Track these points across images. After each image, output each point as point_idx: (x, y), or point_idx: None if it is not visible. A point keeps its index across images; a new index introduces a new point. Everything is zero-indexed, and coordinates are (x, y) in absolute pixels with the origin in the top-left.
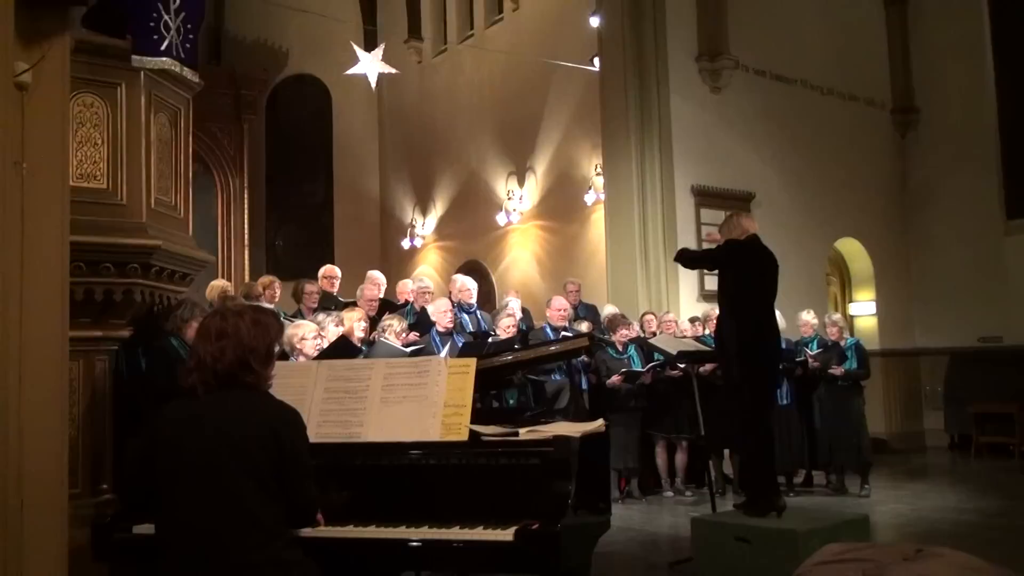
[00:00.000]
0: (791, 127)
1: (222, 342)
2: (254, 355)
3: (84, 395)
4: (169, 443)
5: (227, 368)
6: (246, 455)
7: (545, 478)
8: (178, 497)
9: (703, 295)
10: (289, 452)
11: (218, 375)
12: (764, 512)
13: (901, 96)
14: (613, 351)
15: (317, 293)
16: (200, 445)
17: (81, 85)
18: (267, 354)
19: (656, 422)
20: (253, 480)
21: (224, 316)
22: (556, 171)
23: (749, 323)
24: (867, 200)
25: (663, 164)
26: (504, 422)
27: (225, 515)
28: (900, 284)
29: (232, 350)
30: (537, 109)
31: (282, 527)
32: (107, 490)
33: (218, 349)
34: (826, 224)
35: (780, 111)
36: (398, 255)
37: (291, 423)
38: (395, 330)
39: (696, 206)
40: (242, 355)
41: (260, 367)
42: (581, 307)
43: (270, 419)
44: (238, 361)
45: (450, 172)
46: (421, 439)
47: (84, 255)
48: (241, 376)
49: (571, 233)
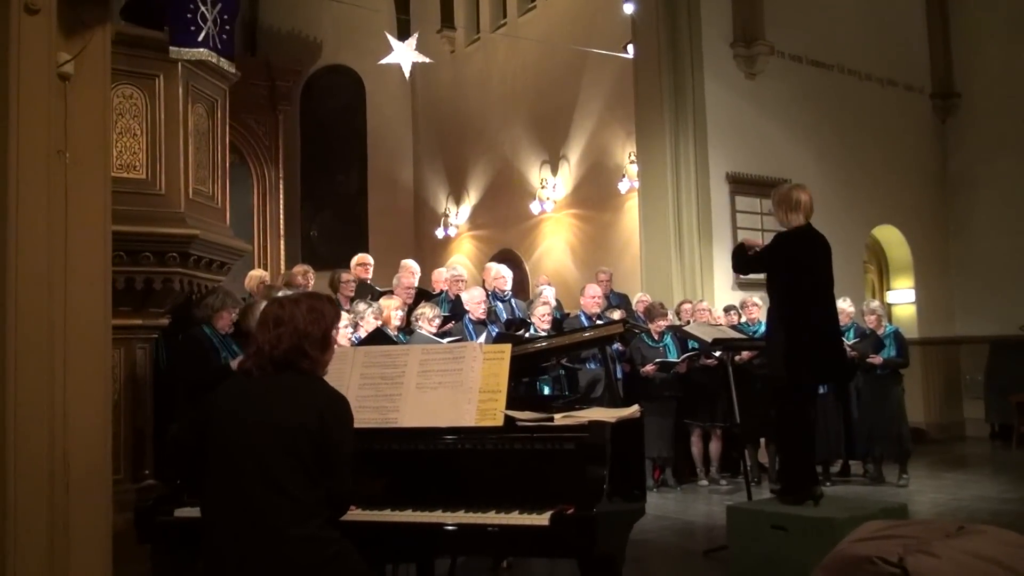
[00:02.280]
0: (828, 113)
1: (279, 329)
2: (309, 340)
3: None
4: (220, 421)
5: (283, 354)
6: (290, 438)
7: (580, 463)
8: (224, 474)
9: (738, 283)
10: (332, 440)
11: (275, 361)
12: (801, 500)
13: (941, 81)
14: (649, 339)
15: (354, 282)
16: (247, 426)
17: (120, 76)
18: (323, 340)
19: (691, 410)
20: (295, 460)
21: (282, 304)
22: (589, 159)
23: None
24: (906, 186)
25: (697, 151)
26: (539, 409)
27: (266, 493)
28: (939, 271)
29: (288, 337)
30: (570, 97)
31: (322, 507)
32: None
33: (275, 336)
34: (864, 211)
35: (817, 97)
36: (432, 244)
37: (337, 411)
38: (427, 317)
39: (731, 193)
40: (298, 342)
41: (316, 352)
42: (612, 295)
43: (318, 406)
44: (294, 348)
45: (483, 161)
46: (456, 424)
47: (124, 244)
48: (296, 362)
49: (605, 221)
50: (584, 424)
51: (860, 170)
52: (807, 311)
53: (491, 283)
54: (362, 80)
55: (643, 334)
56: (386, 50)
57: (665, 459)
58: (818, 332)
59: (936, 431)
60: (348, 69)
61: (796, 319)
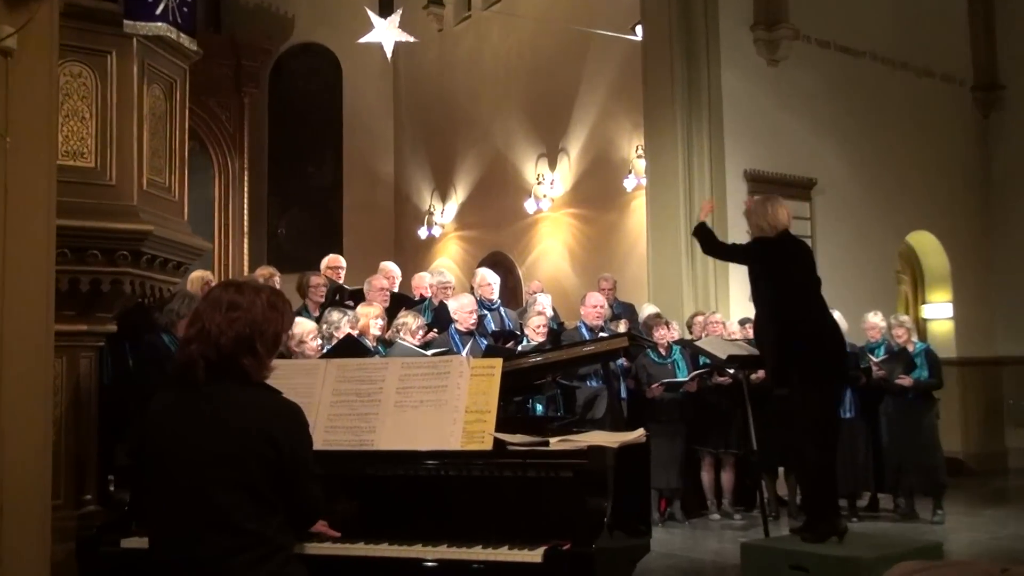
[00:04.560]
0: (858, 105)
1: (234, 314)
2: (262, 337)
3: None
4: (155, 445)
5: (230, 343)
6: (236, 464)
7: (578, 493)
8: (164, 511)
9: None
10: (288, 455)
11: (220, 349)
12: (824, 537)
13: (983, 71)
14: (655, 355)
15: (324, 286)
16: (184, 455)
17: (68, 53)
18: (274, 341)
19: (702, 435)
20: (244, 492)
21: (241, 290)
22: (592, 153)
23: (803, 327)
24: (944, 188)
25: (712, 146)
26: (532, 431)
27: (214, 534)
28: (980, 283)
29: (241, 325)
30: (571, 83)
31: (283, 537)
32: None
33: (227, 320)
34: (897, 215)
35: (845, 87)
36: (414, 245)
37: (289, 421)
38: (410, 328)
39: (749, 193)
40: (249, 334)
41: (264, 352)
42: (617, 305)
43: (264, 419)
44: (243, 339)
45: (473, 154)
46: (440, 448)
47: (69, 240)
48: (241, 357)
49: (608, 223)
50: (583, 449)
51: (892, 170)
52: (798, 306)
53: (477, 290)
54: (338, 61)
55: (649, 349)
56: (366, 27)
57: (673, 490)
58: (814, 324)
59: (975, 462)
60: (323, 48)
61: (786, 325)
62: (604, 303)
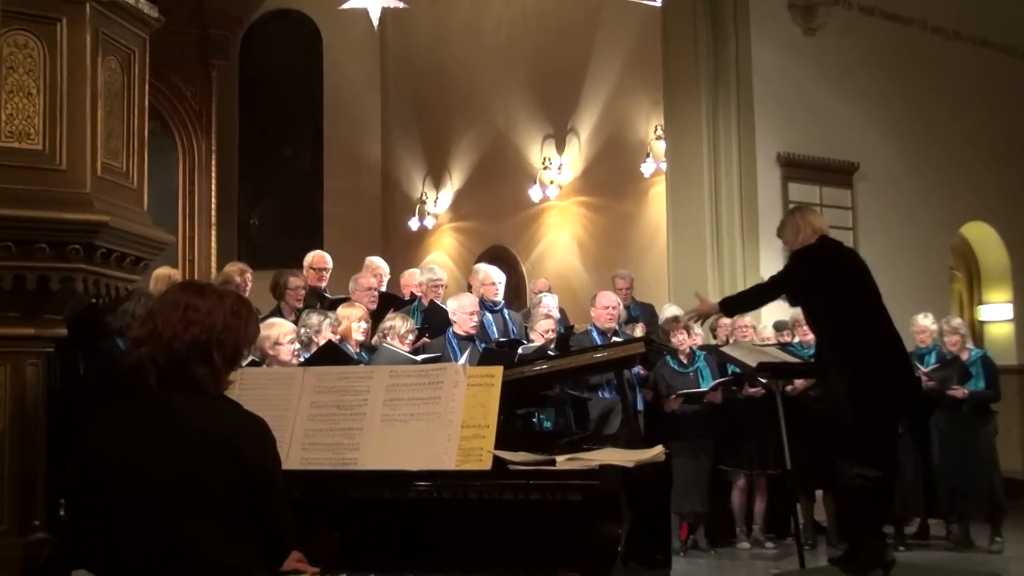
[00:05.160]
0: (906, 80)
1: (191, 316)
2: (220, 346)
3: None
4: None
5: (184, 349)
6: (198, 483)
7: (588, 519)
8: (115, 544)
9: None
10: (255, 472)
11: (172, 355)
12: (867, 569)
13: None
14: (676, 363)
15: (304, 288)
16: (137, 475)
17: (12, 21)
18: (233, 352)
19: (730, 453)
20: (212, 518)
21: (202, 292)
22: (605, 134)
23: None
24: (1003, 174)
25: (741, 126)
26: (537, 448)
27: (178, 566)
28: None
29: (198, 330)
30: (582, 55)
31: (257, 568)
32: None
33: (183, 324)
34: (950, 204)
35: (892, 59)
36: (404, 239)
37: (255, 436)
38: (398, 332)
39: (783, 179)
40: (207, 341)
41: (220, 364)
42: (634, 306)
43: (226, 430)
44: (198, 346)
45: (471, 135)
46: (432, 467)
47: (13, 232)
48: (195, 366)
49: (623, 212)
50: (594, 469)
51: (945, 153)
52: (866, 330)
53: (479, 289)
54: (318, 29)
55: (669, 356)
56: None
57: (697, 515)
58: (886, 353)
59: None
60: (301, 15)
61: (856, 342)
62: (618, 304)
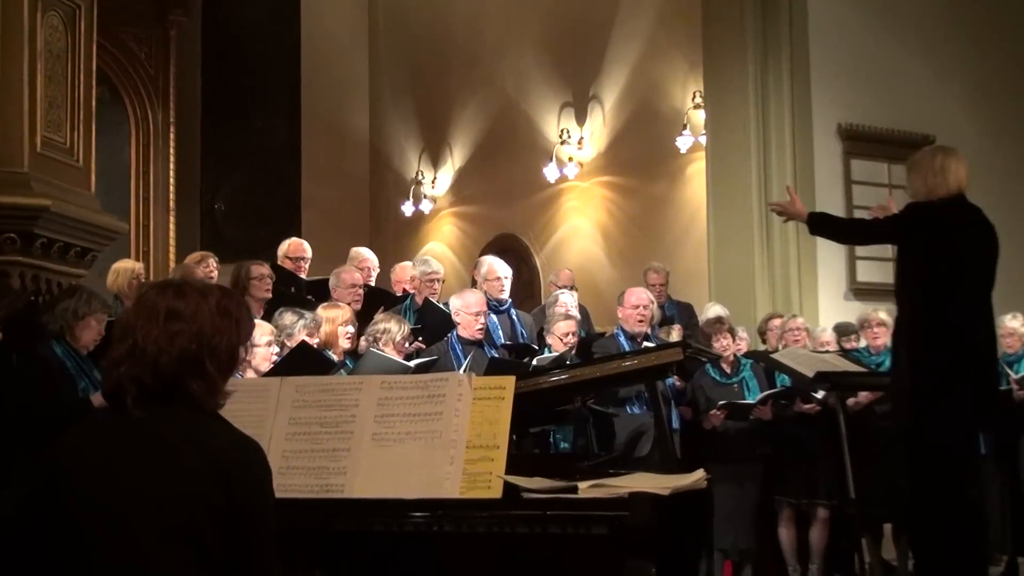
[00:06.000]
0: (991, 38)
1: (175, 326)
2: (213, 354)
3: None
4: (70, 492)
5: (172, 364)
6: (179, 513)
7: (616, 556)
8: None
9: (854, 289)
10: (243, 504)
11: (159, 372)
12: None
13: None
14: (717, 372)
15: (270, 278)
16: (113, 498)
17: None
18: (229, 358)
19: (782, 479)
20: (190, 548)
21: (182, 292)
22: (634, 102)
23: (949, 335)
24: None
25: (796, 92)
26: (555, 473)
27: None
28: None
29: (185, 340)
30: (606, 8)
31: None
32: None
33: (167, 335)
34: None
35: (974, 13)
36: (396, 226)
37: (250, 465)
38: (393, 339)
39: (844, 155)
40: (197, 350)
41: (216, 374)
42: (669, 305)
43: (219, 458)
44: (190, 358)
45: (474, 103)
46: (432, 495)
47: None
48: (187, 380)
49: (656, 195)
50: (623, 498)
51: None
52: (949, 316)
53: (482, 285)
54: None
55: (710, 365)
56: None
57: (742, 551)
58: (965, 349)
59: None
60: None
61: (932, 328)
62: (651, 302)
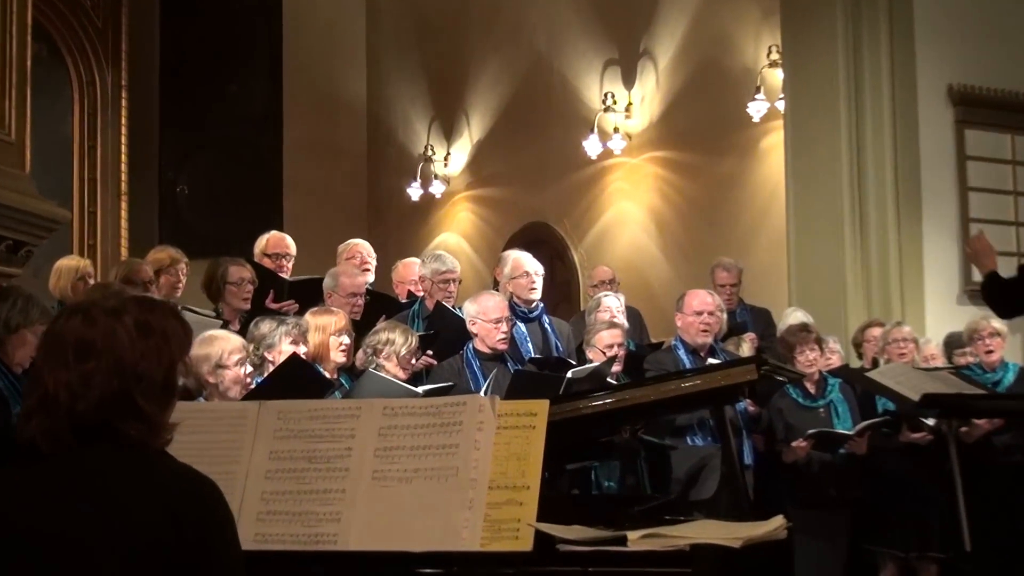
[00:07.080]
0: None
1: (87, 364)
2: (141, 385)
3: None
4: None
5: (93, 410)
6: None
7: None
8: None
9: (968, 292)
10: (198, 551)
11: (77, 422)
12: None
13: None
14: (799, 394)
15: (251, 282)
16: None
17: None
18: (164, 385)
19: (880, 527)
20: None
21: (90, 318)
22: (694, 59)
23: None
24: None
25: (896, 49)
26: (598, 520)
27: None
28: None
29: (104, 378)
30: None
31: None
32: None
33: (80, 376)
34: None
35: None
36: (400, 213)
37: (202, 505)
38: (397, 352)
39: (956, 124)
40: (122, 387)
41: (153, 407)
42: (740, 311)
43: (165, 501)
44: (114, 398)
45: (496, 64)
46: (447, 548)
47: None
48: (119, 423)
49: (722, 174)
50: (683, 551)
51: None
52: None
53: (506, 286)
54: None
55: (790, 385)
56: None
57: None
58: None
59: None
60: None
61: None
62: (718, 307)
